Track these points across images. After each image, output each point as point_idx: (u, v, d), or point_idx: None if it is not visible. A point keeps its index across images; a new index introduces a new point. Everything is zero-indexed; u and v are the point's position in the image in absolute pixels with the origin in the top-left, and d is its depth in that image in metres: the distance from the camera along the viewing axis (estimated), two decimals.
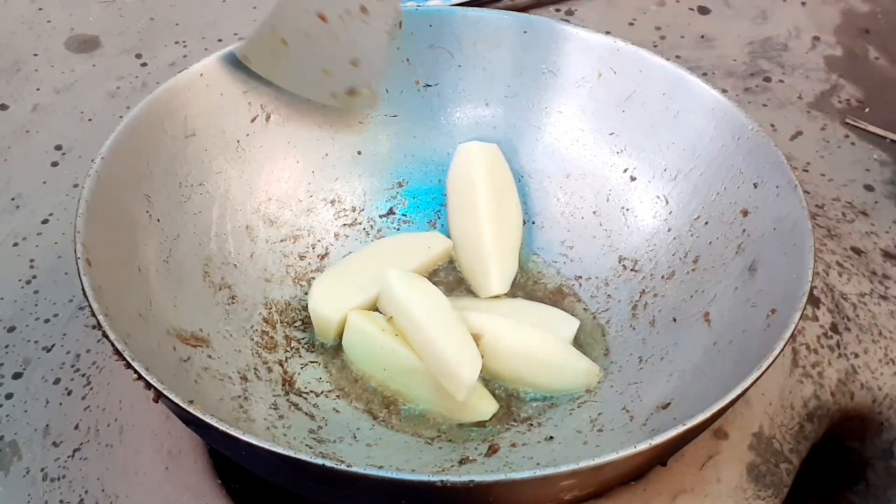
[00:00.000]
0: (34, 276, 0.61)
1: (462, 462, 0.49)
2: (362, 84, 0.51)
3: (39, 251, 0.63)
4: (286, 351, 0.54)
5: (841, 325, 0.58)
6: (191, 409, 0.40)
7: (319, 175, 0.60)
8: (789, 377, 0.55)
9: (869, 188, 0.68)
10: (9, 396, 0.55)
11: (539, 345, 0.53)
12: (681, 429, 0.40)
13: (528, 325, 0.53)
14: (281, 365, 0.53)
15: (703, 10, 0.85)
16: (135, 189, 0.51)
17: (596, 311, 0.57)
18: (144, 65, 0.78)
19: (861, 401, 0.56)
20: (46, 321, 0.59)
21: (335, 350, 0.55)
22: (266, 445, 0.39)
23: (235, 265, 0.56)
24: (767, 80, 0.78)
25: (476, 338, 0.52)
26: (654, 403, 0.50)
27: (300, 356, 0.54)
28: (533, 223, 0.61)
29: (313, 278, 0.58)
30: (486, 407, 0.51)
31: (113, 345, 0.42)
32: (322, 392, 0.53)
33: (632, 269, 0.57)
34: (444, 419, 0.51)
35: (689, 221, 0.56)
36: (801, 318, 0.44)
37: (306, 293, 0.57)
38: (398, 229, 0.61)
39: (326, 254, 0.59)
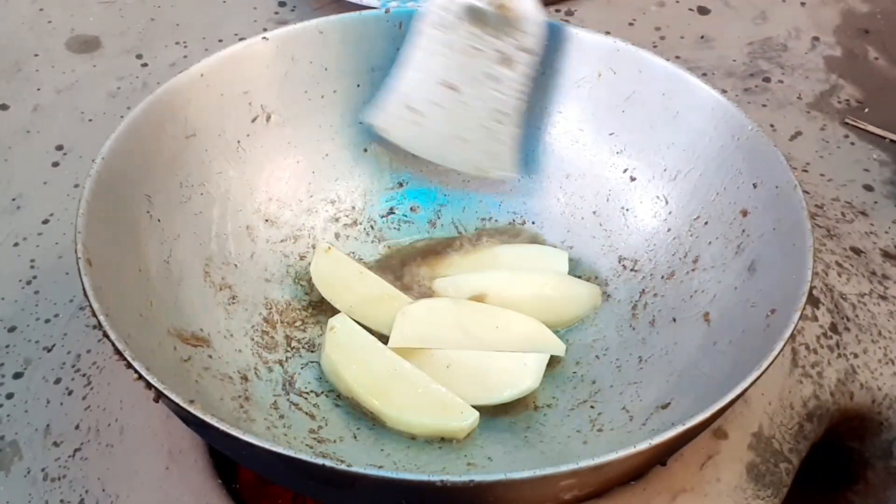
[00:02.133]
0: (35, 277, 0.61)
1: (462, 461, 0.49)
2: (498, 153, 0.50)
3: (40, 251, 0.63)
4: (286, 351, 0.54)
5: (840, 325, 0.58)
6: (191, 409, 0.40)
7: (320, 175, 0.60)
8: (789, 377, 0.55)
9: (868, 188, 0.68)
10: (9, 396, 0.55)
11: (542, 283, 0.55)
12: (681, 429, 0.41)
13: (525, 271, 0.56)
14: (281, 365, 0.54)
15: (703, 11, 0.85)
16: (135, 189, 0.52)
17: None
18: (145, 65, 0.78)
19: (860, 401, 0.56)
20: (47, 321, 0.59)
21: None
22: (266, 445, 0.39)
23: (236, 265, 0.56)
24: (767, 80, 0.78)
25: (480, 297, 0.54)
26: (654, 403, 0.50)
27: (300, 356, 0.54)
28: (533, 223, 0.61)
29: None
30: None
31: (114, 345, 0.42)
32: (322, 392, 0.53)
33: (632, 269, 0.57)
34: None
35: (689, 221, 0.56)
36: (800, 318, 0.44)
37: (307, 293, 0.57)
38: (398, 229, 0.61)
39: None
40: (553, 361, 0.54)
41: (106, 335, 0.43)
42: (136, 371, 0.42)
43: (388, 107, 0.51)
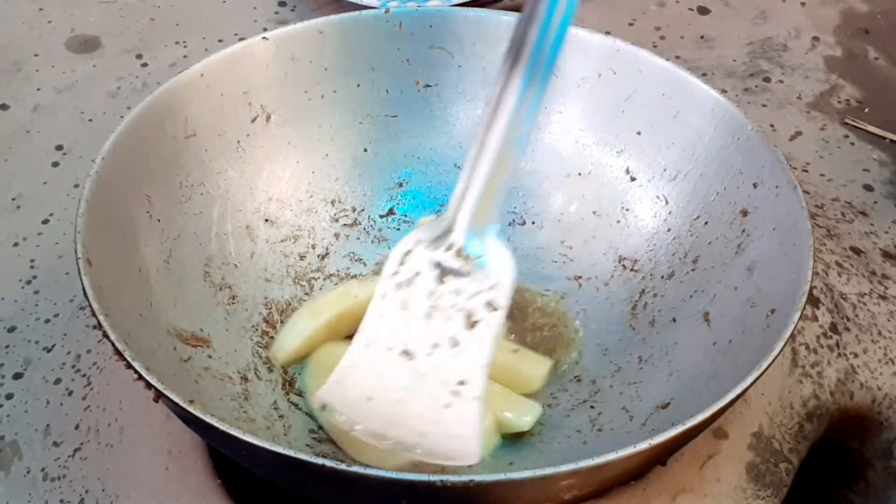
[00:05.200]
0: (34, 277, 0.61)
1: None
2: (459, 432, 0.42)
3: (40, 251, 0.63)
4: None
5: (840, 325, 0.58)
6: (191, 409, 0.40)
7: (319, 175, 0.60)
8: (789, 377, 0.55)
9: (868, 188, 0.68)
10: (9, 396, 0.55)
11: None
12: (680, 429, 0.41)
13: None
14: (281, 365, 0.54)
15: (703, 11, 0.85)
16: (135, 189, 0.52)
17: (596, 311, 0.57)
18: (145, 65, 0.78)
19: (860, 400, 0.56)
20: (47, 321, 0.59)
21: None
22: (266, 445, 0.39)
23: (236, 265, 0.56)
24: (767, 80, 0.78)
25: None
26: (653, 403, 0.50)
27: None
28: (533, 223, 0.61)
29: (314, 278, 0.58)
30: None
31: (113, 345, 0.42)
32: None
33: (631, 269, 0.57)
34: None
35: (689, 221, 0.56)
36: (800, 317, 0.44)
37: (307, 293, 0.57)
38: (398, 229, 0.61)
39: (327, 254, 0.59)
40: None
41: (106, 335, 0.43)
42: (136, 371, 0.42)
43: (333, 383, 0.45)
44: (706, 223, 0.55)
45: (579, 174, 0.60)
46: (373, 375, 0.44)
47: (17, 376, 0.56)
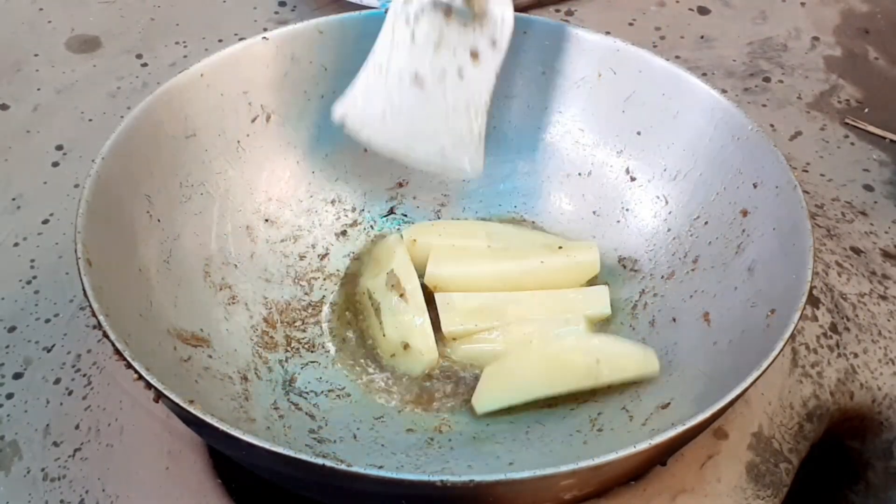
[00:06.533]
0: (35, 276, 0.61)
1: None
2: (465, 150, 0.50)
3: (40, 251, 0.63)
4: (286, 351, 0.54)
5: (840, 325, 0.58)
6: (191, 409, 0.40)
7: (320, 175, 0.60)
8: (789, 377, 0.55)
9: (868, 188, 0.68)
10: (9, 396, 0.55)
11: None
12: (680, 429, 0.41)
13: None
14: (281, 365, 0.54)
15: (703, 11, 0.85)
16: (135, 189, 0.52)
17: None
18: (145, 65, 0.78)
19: (860, 400, 0.56)
20: (47, 321, 0.59)
21: (336, 350, 0.55)
22: (266, 445, 0.39)
23: (236, 265, 0.56)
24: (767, 80, 0.78)
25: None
26: (654, 403, 0.50)
27: (300, 356, 0.54)
28: (533, 223, 0.61)
29: (314, 278, 0.58)
30: None
31: (113, 345, 0.42)
32: (322, 392, 0.53)
33: (632, 269, 0.57)
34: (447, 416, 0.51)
35: (689, 221, 0.56)
36: (800, 317, 0.45)
37: (307, 293, 0.57)
38: (398, 229, 0.61)
39: (326, 254, 0.59)
40: None
41: (106, 335, 0.43)
42: (136, 371, 0.42)
43: (350, 100, 0.51)
44: (706, 223, 0.55)
45: (579, 174, 0.60)
46: (387, 97, 0.50)
47: (17, 376, 0.56)
